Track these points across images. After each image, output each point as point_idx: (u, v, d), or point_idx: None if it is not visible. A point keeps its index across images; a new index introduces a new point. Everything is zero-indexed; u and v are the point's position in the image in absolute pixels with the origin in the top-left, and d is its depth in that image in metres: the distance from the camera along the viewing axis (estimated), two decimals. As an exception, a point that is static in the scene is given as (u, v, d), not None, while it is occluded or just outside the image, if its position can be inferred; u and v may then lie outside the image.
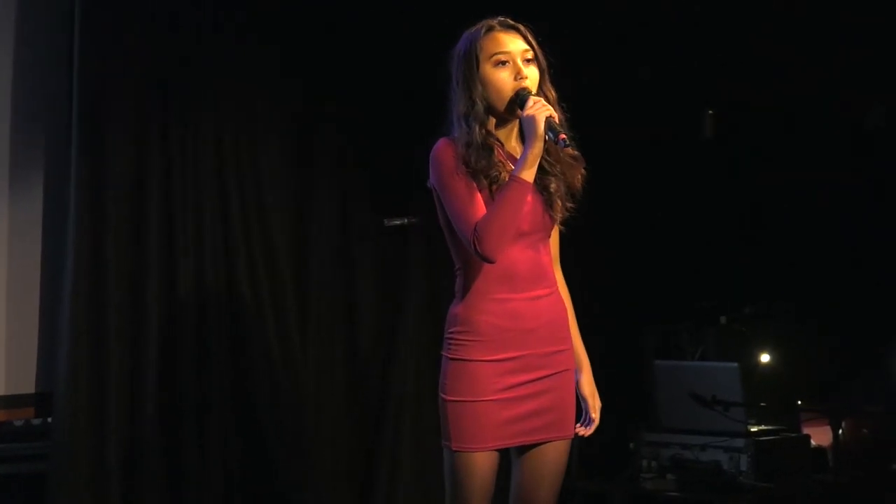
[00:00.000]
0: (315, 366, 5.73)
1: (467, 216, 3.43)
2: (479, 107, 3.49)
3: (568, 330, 3.62)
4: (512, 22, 3.55)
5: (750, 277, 6.85)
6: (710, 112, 6.78)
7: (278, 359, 5.56)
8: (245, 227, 5.54)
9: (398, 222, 5.27)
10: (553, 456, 3.56)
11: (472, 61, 3.51)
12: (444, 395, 3.52)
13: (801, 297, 6.79)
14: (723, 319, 6.68)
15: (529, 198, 3.46)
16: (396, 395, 5.90)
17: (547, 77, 3.56)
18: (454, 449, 3.48)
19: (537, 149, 3.41)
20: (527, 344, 3.51)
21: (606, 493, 5.69)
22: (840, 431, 4.95)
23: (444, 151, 3.50)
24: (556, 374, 3.54)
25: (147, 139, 5.32)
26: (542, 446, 3.54)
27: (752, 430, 5.41)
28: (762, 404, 5.60)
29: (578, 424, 3.68)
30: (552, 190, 3.54)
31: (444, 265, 5.95)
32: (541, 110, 3.40)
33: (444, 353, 3.56)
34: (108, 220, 5.19)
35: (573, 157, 3.56)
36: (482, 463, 3.48)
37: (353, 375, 5.87)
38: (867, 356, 6.19)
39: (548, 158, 3.52)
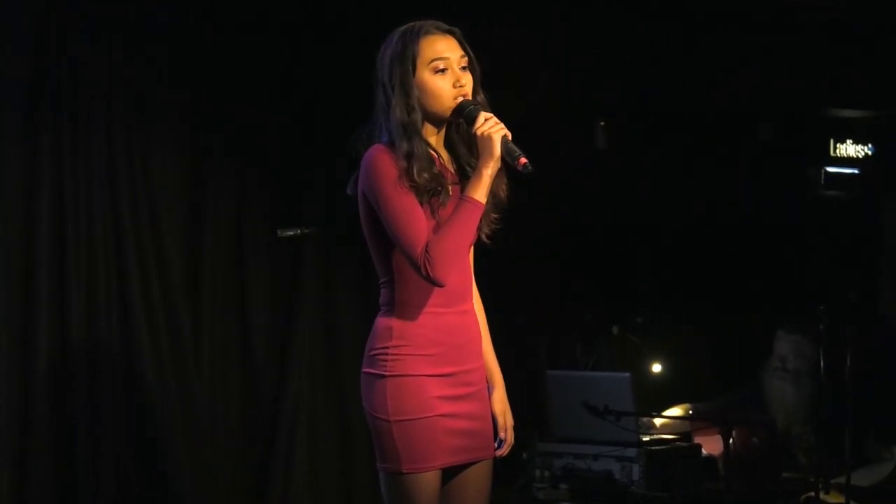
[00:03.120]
0: (209, 378, 5.67)
1: (414, 235, 3.23)
2: (418, 114, 3.29)
3: (481, 347, 3.50)
4: (447, 26, 3.36)
5: (642, 287, 6.91)
6: (602, 123, 6.81)
7: (171, 372, 5.50)
8: (138, 239, 5.46)
9: (291, 233, 5.21)
10: (479, 476, 3.45)
11: (408, 65, 3.29)
12: (384, 417, 3.30)
13: (691, 307, 6.87)
14: (615, 329, 6.72)
15: None
16: (290, 407, 5.85)
17: (479, 83, 3.39)
18: (406, 471, 3.29)
19: (492, 170, 3.25)
20: (458, 359, 3.37)
21: (499, 503, 5.68)
22: (730, 440, 4.99)
23: (382, 161, 3.27)
24: (478, 391, 3.42)
25: (37, 150, 5.21)
26: (470, 468, 3.42)
27: (644, 439, 5.45)
28: (654, 413, 5.65)
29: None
30: None
31: (339, 276, 6.01)
32: (496, 129, 3.25)
33: (371, 369, 3.35)
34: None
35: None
36: (433, 483, 3.31)
37: (248, 388, 5.81)
38: (750, 365, 6.28)
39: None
